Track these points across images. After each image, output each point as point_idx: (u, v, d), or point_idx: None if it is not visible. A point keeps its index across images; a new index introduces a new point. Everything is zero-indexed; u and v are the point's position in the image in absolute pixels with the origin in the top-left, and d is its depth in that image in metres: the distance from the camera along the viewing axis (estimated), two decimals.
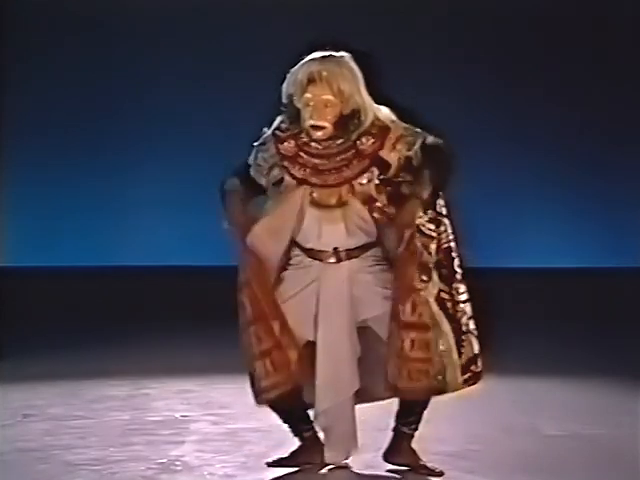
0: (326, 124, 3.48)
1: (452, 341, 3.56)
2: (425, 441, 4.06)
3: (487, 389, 5.35)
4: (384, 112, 3.58)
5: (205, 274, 7.80)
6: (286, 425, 3.71)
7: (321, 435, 3.69)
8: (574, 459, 3.95)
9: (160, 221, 8.28)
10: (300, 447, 3.71)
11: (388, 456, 3.69)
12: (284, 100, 3.57)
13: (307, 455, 3.69)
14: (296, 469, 3.68)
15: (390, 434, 3.72)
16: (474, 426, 4.49)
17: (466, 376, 3.61)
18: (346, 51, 3.57)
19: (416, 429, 3.69)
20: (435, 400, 3.67)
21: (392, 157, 3.51)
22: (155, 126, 8.30)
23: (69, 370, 5.85)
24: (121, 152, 8.31)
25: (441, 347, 3.53)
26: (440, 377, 3.53)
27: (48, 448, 4.05)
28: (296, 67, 3.54)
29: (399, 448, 3.68)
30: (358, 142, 3.52)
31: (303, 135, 3.55)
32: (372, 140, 3.51)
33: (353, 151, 3.52)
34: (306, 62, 3.53)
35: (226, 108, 8.08)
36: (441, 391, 3.58)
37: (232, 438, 4.16)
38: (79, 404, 4.94)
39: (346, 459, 3.68)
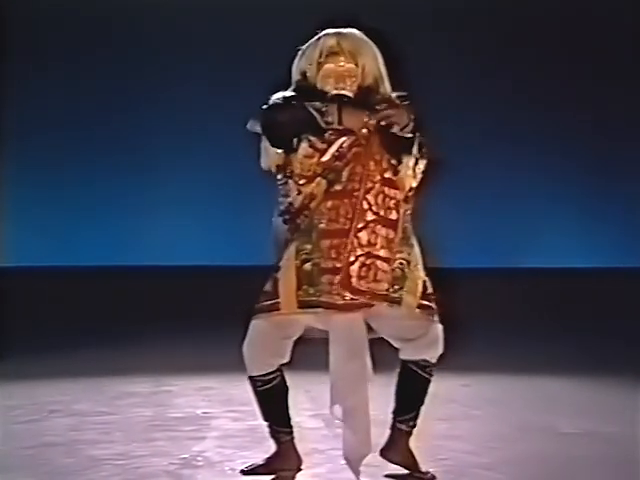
0: (349, 93, 3.46)
1: (418, 256, 3.48)
2: (442, 439, 4.13)
3: (503, 388, 5.43)
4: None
5: (223, 273, 7.85)
6: (266, 424, 3.65)
7: (297, 441, 3.64)
8: (589, 457, 3.97)
9: (167, 222, 8.32)
10: (275, 453, 3.65)
11: (385, 452, 3.61)
12: (296, 77, 3.52)
13: (282, 461, 3.64)
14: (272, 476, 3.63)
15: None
16: (490, 424, 4.52)
17: (423, 302, 3.47)
18: (359, 29, 3.54)
19: (414, 426, 3.61)
20: (451, 399, 3.66)
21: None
22: (167, 128, 8.34)
23: (92, 368, 5.91)
24: (122, 155, 8.35)
25: (403, 255, 3.44)
26: (397, 287, 3.41)
27: (73, 443, 4.10)
28: (310, 42, 3.52)
29: (396, 446, 3.61)
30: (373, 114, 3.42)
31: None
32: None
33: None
34: (322, 36, 3.50)
35: (243, 107, 8.12)
36: (393, 302, 3.41)
37: (252, 434, 4.17)
38: (103, 400, 5.00)
39: (364, 457, 3.53)
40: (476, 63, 8.39)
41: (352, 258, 3.36)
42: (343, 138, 3.40)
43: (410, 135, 3.39)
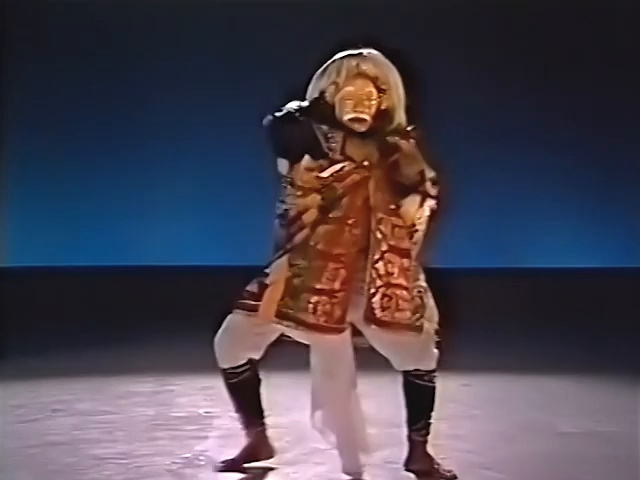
0: (367, 117, 3.45)
1: (425, 283, 3.53)
2: (443, 438, 4.14)
3: (503, 388, 5.44)
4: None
5: (224, 273, 7.86)
6: (238, 414, 3.70)
7: (270, 432, 3.71)
8: (590, 456, 3.99)
9: (168, 222, 8.30)
10: (248, 445, 3.71)
11: (406, 463, 3.69)
12: (314, 95, 3.51)
13: (255, 453, 3.70)
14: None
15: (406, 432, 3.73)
16: (491, 424, 4.54)
17: (437, 328, 3.53)
18: (376, 49, 3.55)
19: (427, 434, 3.66)
20: (452, 399, 3.68)
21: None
22: (164, 127, 8.31)
23: (95, 367, 5.92)
24: (122, 155, 8.33)
25: (419, 282, 3.50)
26: (418, 315, 3.45)
27: (76, 442, 4.13)
28: (331, 62, 3.51)
29: (413, 456, 3.67)
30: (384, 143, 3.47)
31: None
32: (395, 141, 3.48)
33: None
34: (344, 57, 3.49)
35: (242, 107, 8.11)
36: (416, 330, 3.44)
37: None
38: (106, 400, 5.02)
39: (360, 469, 3.60)
40: (483, 66, 8.39)
41: (372, 290, 3.39)
42: (345, 162, 3.43)
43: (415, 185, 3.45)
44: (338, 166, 3.42)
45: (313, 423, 3.55)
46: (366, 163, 3.43)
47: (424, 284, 3.52)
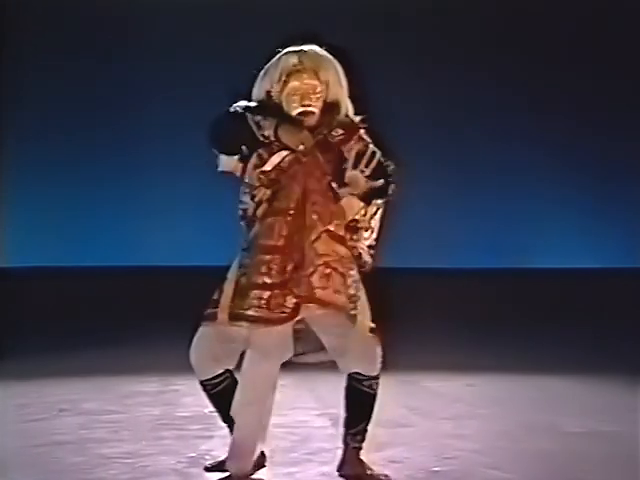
0: (315, 110, 3.47)
1: (361, 285, 3.49)
2: (448, 438, 4.17)
3: (508, 388, 5.46)
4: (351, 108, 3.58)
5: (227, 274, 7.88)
6: (226, 424, 3.65)
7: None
8: (594, 456, 3.99)
9: (166, 223, 8.30)
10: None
11: (339, 469, 3.60)
12: (259, 96, 3.52)
13: None
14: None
15: (412, 431, 3.73)
16: (496, 423, 4.55)
17: (373, 326, 3.49)
18: (320, 46, 3.55)
19: (362, 440, 3.57)
20: (457, 399, 3.66)
21: (350, 153, 3.48)
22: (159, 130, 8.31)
23: (101, 367, 5.95)
24: (123, 156, 8.34)
25: (354, 273, 3.46)
26: (352, 305, 3.42)
27: (82, 441, 4.15)
28: (272, 61, 3.52)
29: (346, 460, 3.60)
30: (329, 134, 3.49)
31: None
32: (341, 132, 3.49)
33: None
34: (285, 54, 3.51)
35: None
36: (350, 318, 3.41)
37: None
38: (111, 400, 5.04)
39: (251, 473, 3.52)
40: (483, 66, 8.41)
41: (311, 269, 3.39)
42: (285, 152, 3.44)
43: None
44: (279, 157, 3.43)
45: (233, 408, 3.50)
46: (301, 147, 3.42)
47: (357, 277, 3.47)
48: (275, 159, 3.44)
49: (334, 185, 3.46)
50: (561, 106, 8.43)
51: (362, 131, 3.51)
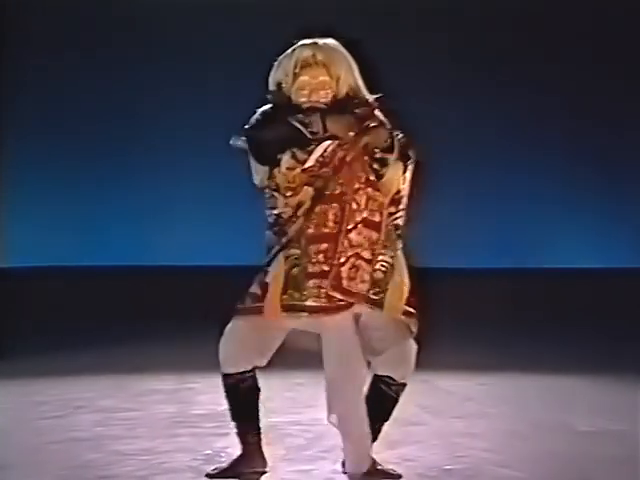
0: (323, 106, 3.46)
1: (403, 262, 3.45)
2: (459, 437, 4.20)
3: (518, 387, 5.49)
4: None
5: (239, 273, 7.89)
6: (235, 422, 3.64)
7: (264, 442, 3.62)
8: (604, 454, 4.01)
9: (172, 223, 8.35)
10: (242, 455, 3.63)
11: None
12: (272, 88, 3.53)
13: (248, 463, 3.61)
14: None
15: (424, 429, 3.75)
16: (506, 422, 4.58)
17: (408, 309, 3.44)
18: (334, 38, 3.55)
19: (374, 440, 3.53)
20: (468, 398, 3.66)
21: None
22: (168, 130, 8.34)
23: (117, 365, 6.01)
24: (125, 156, 8.37)
25: (385, 257, 3.42)
26: (378, 289, 3.38)
27: (99, 438, 4.19)
28: (285, 54, 3.51)
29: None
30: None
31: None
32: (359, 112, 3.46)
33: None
34: (297, 48, 3.50)
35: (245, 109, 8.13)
36: (374, 305, 3.38)
37: (273, 431, 4.19)
38: (127, 397, 5.08)
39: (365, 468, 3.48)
40: (484, 66, 8.42)
41: (343, 259, 3.37)
42: (326, 143, 3.41)
43: (388, 156, 3.41)
44: (319, 150, 3.40)
45: (328, 417, 3.48)
46: (351, 134, 3.39)
47: (395, 261, 3.44)
48: (316, 153, 3.40)
49: (376, 166, 3.42)
50: (567, 105, 8.43)
51: (377, 111, 3.48)
